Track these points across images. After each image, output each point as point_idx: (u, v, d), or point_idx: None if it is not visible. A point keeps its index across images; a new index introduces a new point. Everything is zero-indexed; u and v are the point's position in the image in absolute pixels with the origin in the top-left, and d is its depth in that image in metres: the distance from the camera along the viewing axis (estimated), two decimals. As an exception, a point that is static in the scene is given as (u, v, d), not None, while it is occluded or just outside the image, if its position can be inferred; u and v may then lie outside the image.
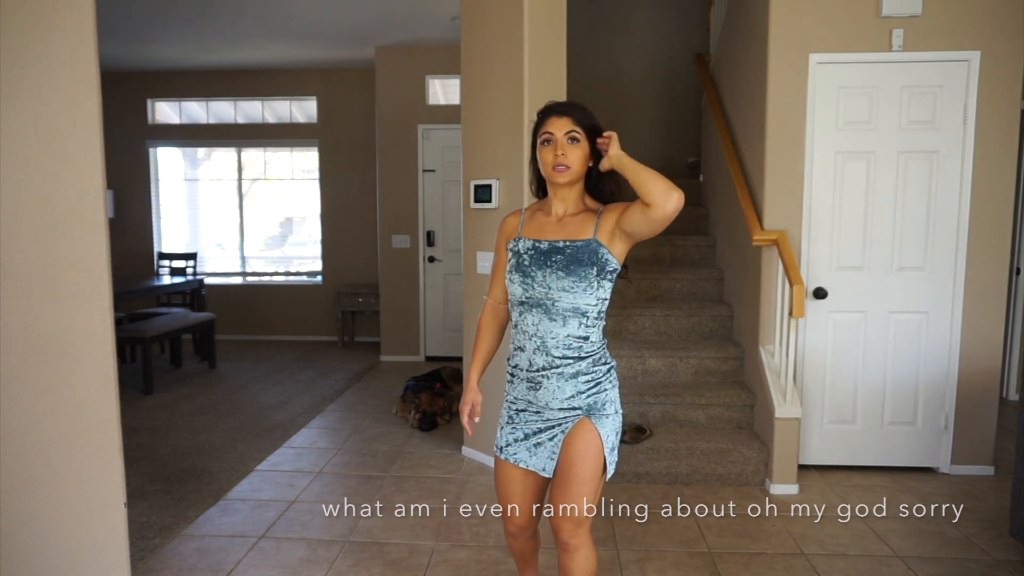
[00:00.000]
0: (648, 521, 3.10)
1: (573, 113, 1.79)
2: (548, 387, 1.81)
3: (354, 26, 5.65)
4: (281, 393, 5.31)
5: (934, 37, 3.44)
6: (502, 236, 1.95)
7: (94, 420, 2.19)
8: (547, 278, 1.77)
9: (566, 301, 1.77)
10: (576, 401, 1.81)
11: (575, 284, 1.76)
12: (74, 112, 2.11)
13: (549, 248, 1.80)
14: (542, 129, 1.81)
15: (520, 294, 1.82)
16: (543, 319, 1.79)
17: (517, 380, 1.88)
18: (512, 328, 1.91)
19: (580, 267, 1.76)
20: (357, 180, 7.29)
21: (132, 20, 5.43)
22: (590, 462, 1.80)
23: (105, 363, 2.18)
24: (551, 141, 1.78)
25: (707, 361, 3.98)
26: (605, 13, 6.07)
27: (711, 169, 4.99)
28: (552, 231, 1.83)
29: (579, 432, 1.81)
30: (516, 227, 1.92)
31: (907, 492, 3.41)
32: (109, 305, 2.18)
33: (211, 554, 2.80)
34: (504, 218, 1.98)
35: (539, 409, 1.85)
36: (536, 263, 1.80)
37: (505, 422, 1.93)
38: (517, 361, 1.88)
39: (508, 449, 1.90)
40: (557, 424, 1.84)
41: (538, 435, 1.86)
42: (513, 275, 1.83)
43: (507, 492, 1.93)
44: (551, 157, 1.77)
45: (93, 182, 2.14)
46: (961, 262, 3.52)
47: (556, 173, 1.78)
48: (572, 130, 1.77)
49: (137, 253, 7.54)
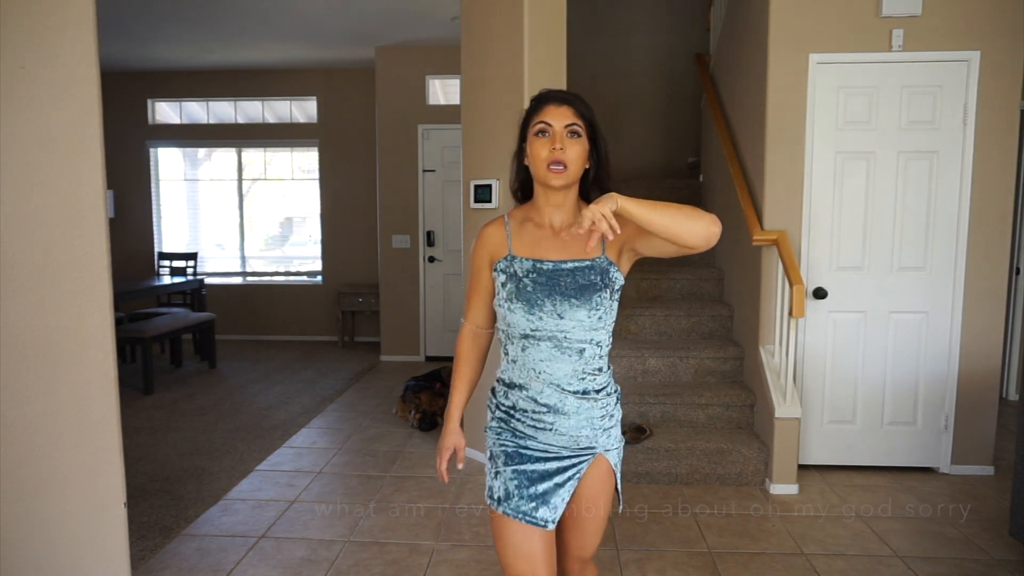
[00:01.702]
0: (648, 521, 3.10)
1: (575, 103, 1.52)
2: (560, 427, 1.55)
3: (354, 26, 5.65)
4: (281, 393, 5.31)
5: (934, 37, 3.44)
6: (483, 251, 1.61)
7: (94, 420, 2.19)
8: (558, 307, 1.50)
9: (579, 332, 1.51)
10: (592, 440, 1.58)
11: (591, 313, 1.50)
12: (74, 112, 2.11)
13: (554, 270, 1.52)
14: (536, 118, 1.52)
15: (525, 326, 1.52)
16: (553, 353, 1.52)
17: (515, 420, 1.59)
18: (507, 363, 1.60)
19: (594, 292, 1.51)
20: (357, 180, 7.29)
21: (132, 20, 5.43)
22: (605, 500, 1.64)
23: (105, 363, 2.18)
24: (547, 133, 1.50)
25: (707, 361, 3.98)
26: (605, 13, 6.07)
27: (711, 169, 4.99)
28: (552, 248, 1.55)
29: (596, 472, 1.60)
30: (503, 242, 1.58)
31: (907, 492, 3.41)
32: (109, 305, 2.18)
33: (211, 554, 2.80)
34: (483, 229, 1.62)
35: (546, 448, 1.57)
36: (542, 289, 1.51)
37: (502, 465, 1.59)
38: (515, 401, 1.58)
39: (510, 503, 1.55)
40: (571, 466, 1.58)
41: (546, 480, 1.56)
42: (514, 304, 1.52)
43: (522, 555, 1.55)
44: (546, 152, 1.48)
45: (93, 182, 2.14)
46: (961, 262, 3.52)
47: (552, 173, 1.48)
48: (573, 123, 1.50)
49: (137, 253, 7.55)
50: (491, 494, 1.59)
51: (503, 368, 1.63)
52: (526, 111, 1.58)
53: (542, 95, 1.56)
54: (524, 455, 1.57)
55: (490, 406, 1.67)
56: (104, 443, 2.20)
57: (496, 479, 1.59)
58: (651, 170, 6.06)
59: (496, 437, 1.62)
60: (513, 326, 1.55)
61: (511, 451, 1.58)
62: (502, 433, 1.61)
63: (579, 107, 1.52)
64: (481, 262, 1.61)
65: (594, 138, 1.55)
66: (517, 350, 1.56)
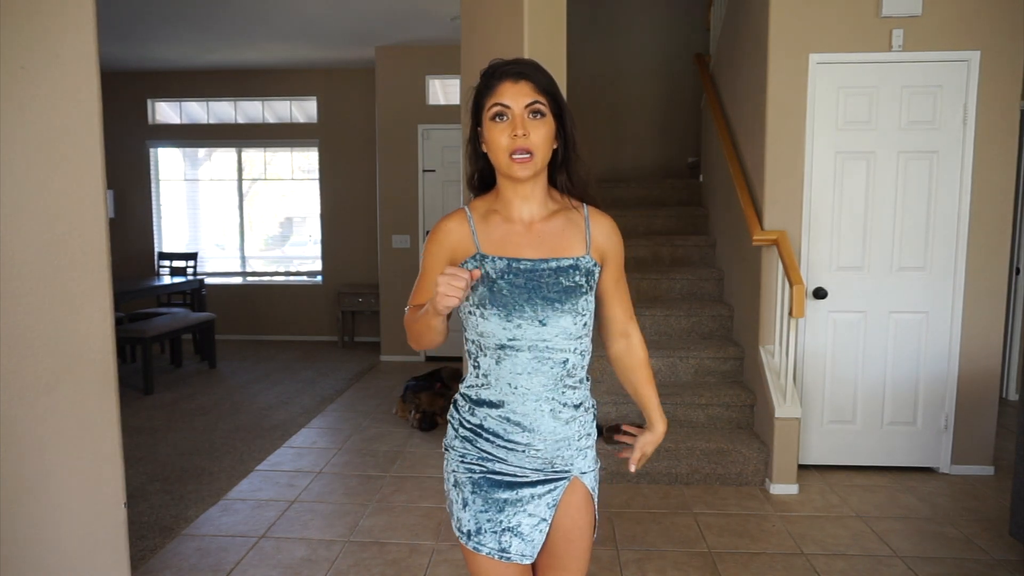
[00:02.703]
0: (648, 521, 3.10)
1: (533, 76, 1.29)
2: (535, 448, 1.37)
3: (354, 26, 5.65)
4: (281, 393, 5.31)
5: (934, 37, 3.44)
6: (440, 248, 1.36)
7: (94, 420, 2.19)
8: (539, 313, 1.31)
9: (561, 340, 1.34)
10: (567, 462, 1.41)
11: (576, 319, 1.34)
12: (74, 112, 2.11)
13: (533, 270, 1.32)
14: (491, 99, 1.29)
15: (501, 336, 1.32)
16: (533, 365, 1.33)
17: (483, 441, 1.38)
18: (475, 376, 1.40)
19: (580, 296, 1.34)
20: (357, 180, 7.29)
21: (132, 20, 5.43)
22: (587, 530, 1.45)
23: (105, 363, 2.18)
24: (505, 117, 1.28)
25: (707, 361, 3.98)
26: (605, 13, 6.07)
27: (711, 169, 4.99)
28: (527, 244, 1.35)
29: (573, 499, 1.42)
30: (467, 238, 1.35)
31: (907, 492, 3.41)
32: (109, 305, 2.19)
33: (211, 554, 2.80)
34: (440, 223, 1.38)
35: (518, 474, 1.38)
36: (520, 293, 1.31)
37: (469, 494, 1.38)
38: (483, 419, 1.38)
39: (479, 537, 1.37)
40: (547, 492, 1.40)
41: (516, 507, 1.38)
42: (487, 310, 1.31)
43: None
44: (506, 139, 1.27)
45: (93, 182, 2.14)
46: (961, 262, 3.52)
47: (516, 164, 1.28)
48: (535, 100, 1.28)
49: (137, 253, 7.55)
50: (459, 527, 1.40)
51: (470, 383, 1.42)
52: (476, 89, 1.34)
53: (493, 69, 1.32)
54: (492, 480, 1.38)
55: (451, 421, 1.45)
56: (104, 443, 2.20)
57: (465, 510, 1.39)
58: (651, 170, 6.06)
59: (460, 460, 1.41)
60: (487, 335, 1.34)
61: (477, 478, 1.39)
62: (466, 455, 1.40)
63: (539, 80, 1.29)
64: (435, 261, 1.36)
65: (559, 114, 1.33)
66: (491, 362, 1.35)
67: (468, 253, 1.34)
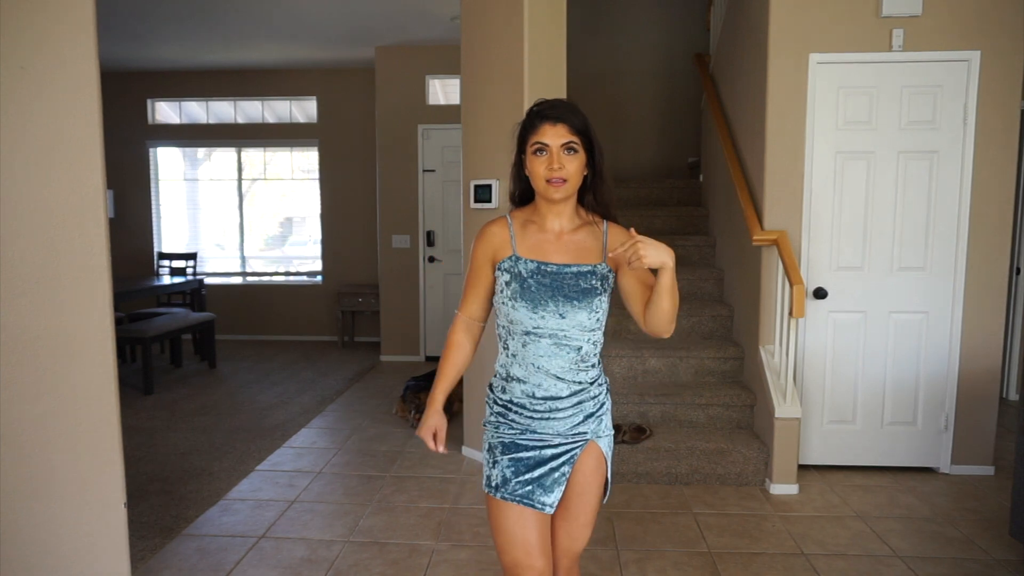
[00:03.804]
0: (648, 521, 3.10)
1: (569, 119, 1.58)
2: (556, 417, 1.64)
3: (354, 26, 5.65)
4: (281, 393, 5.31)
5: (934, 37, 3.44)
6: (487, 248, 1.67)
7: (94, 420, 2.19)
8: (560, 307, 1.58)
9: (578, 331, 1.61)
10: (584, 427, 1.66)
11: (591, 314, 1.60)
12: (74, 112, 2.11)
13: (558, 273, 1.61)
14: (533, 137, 1.60)
15: (527, 324, 1.61)
16: (551, 349, 1.61)
17: (513, 413, 1.66)
18: (505, 356, 1.68)
19: (595, 296, 1.60)
20: (357, 180, 7.29)
21: (132, 20, 5.43)
22: (596, 488, 1.70)
23: (105, 363, 2.18)
24: (544, 151, 1.58)
25: (707, 361, 3.98)
26: (605, 13, 6.07)
27: (711, 169, 4.99)
28: (555, 251, 1.63)
29: (588, 459, 1.67)
30: (507, 242, 1.66)
31: (907, 492, 3.41)
32: (109, 305, 2.19)
33: (211, 554, 2.80)
34: (485, 227, 1.69)
35: (543, 439, 1.65)
36: (545, 291, 1.59)
37: (500, 454, 1.66)
38: (512, 395, 1.66)
39: (507, 487, 1.62)
40: (565, 452, 1.65)
41: (541, 466, 1.64)
42: (518, 303, 1.60)
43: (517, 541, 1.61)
44: (545, 170, 1.57)
45: (93, 182, 2.14)
46: (961, 262, 3.52)
47: (552, 189, 1.57)
48: (570, 141, 1.57)
49: (137, 253, 7.54)
50: (489, 482, 1.66)
51: (501, 362, 1.69)
52: (523, 125, 1.64)
53: (538, 112, 1.61)
54: (520, 445, 1.65)
55: (488, 402, 1.73)
56: (104, 443, 2.20)
57: (494, 468, 1.66)
58: (651, 170, 6.07)
59: (494, 430, 1.69)
60: (516, 323, 1.62)
61: (507, 442, 1.66)
62: (500, 426, 1.68)
63: (574, 123, 1.59)
64: (483, 259, 1.68)
65: (590, 147, 1.62)
66: (518, 345, 1.64)
67: (506, 254, 1.65)
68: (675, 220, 5.10)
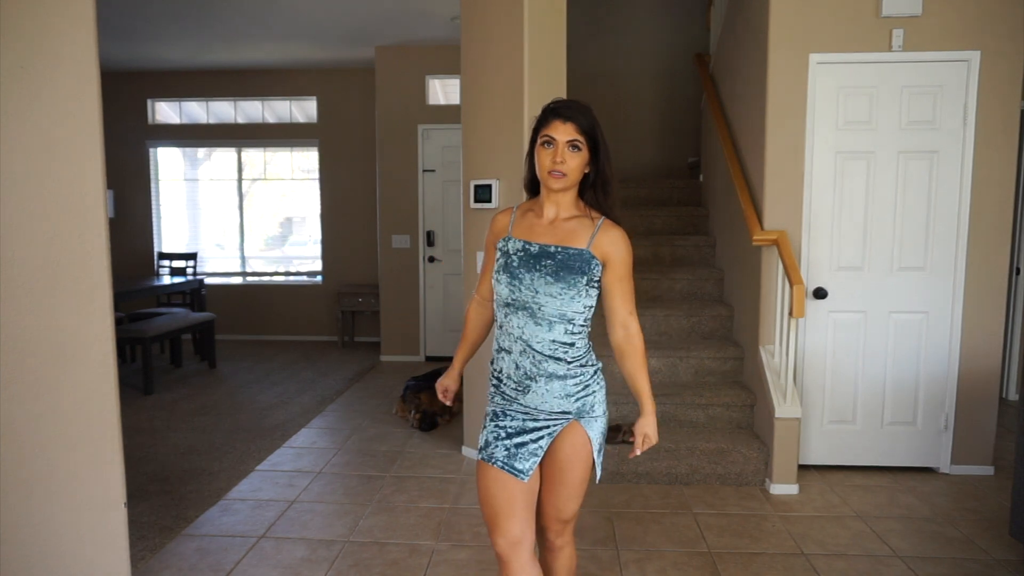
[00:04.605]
0: (648, 521, 3.10)
1: (578, 119, 1.71)
2: (536, 390, 1.76)
3: (354, 26, 5.65)
4: (281, 393, 5.31)
5: (934, 37, 3.44)
6: (493, 233, 1.88)
7: (94, 420, 2.19)
8: (535, 282, 1.73)
9: (552, 306, 1.72)
10: (566, 404, 1.77)
11: (563, 291, 1.72)
12: (74, 112, 2.11)
13: (539, 251, 1.75)
14: (544, 130, 1.73)
15: (506, 295, 1.77)
16: (528, 322, 1.74)
17: (503, 385, 1.82)
18: (497, 329, 1.86)
19: (570, 274, 1.72)
20: (357, 180, 7.29)
21: (132, 20, 5.43)
22: (580, 465, 1.80)
23: (105, 363, 2.18)
24: (551, 144, 1.71)
25: (707, 361, 3.98)
26: (605, 13, 6.07)
27: (711, 169, 4.99)
28: (543, 234, 1.78)
29: (569, 436, 1.79)
30: (507, 226, 1.85)
31: (907, 492, 3.41)
32: (109, 305, 2.18)
33: (211, 554, 2.80)
34: (495, 215, 1.91)
35: (527, 411, 1.79)
36: (524, 265, 1.75)
37: (488, 420, 1.84)
38: (502, 365, 1.82)
39: (488, 450, 1.79)
40: (544, 427, 1.78)
41: (521, 435, 1.78)
42: (500, 275, 1.77)
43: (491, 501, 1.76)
44: (548, 162, 1.71)
45: (93, 182, 2.14)
46: (961, 262, 3.52)
47: (552, 179, 1.71)
48: (575, 139, 1.70)
49: (137, 253, 7.54)
50: (478, 446, 1.84)
51: (495, 334, 1.87)
52: (538, 119, 1.77)
53: (551, 108, 1.75)
54: (507, 414, 1.82)
55: (491, 373, 1.89)
56: (104, 443, 2.20)
57: (483, 432, 1.84)
58: (651, 170, 6.07)
59: (490, 400, 1.87)
60: (498, 296, 1.80)
61: (498, 410, 1.84)
62: (494, 397, 1.86)
63: (582, 123, 1.71)
64: (490, 244, 1.88)
65: (595, 148, 1.75)
66: (502, 316, 1.81)
67: (503, 236, 1.84)
68: (675, 220, 5.10)
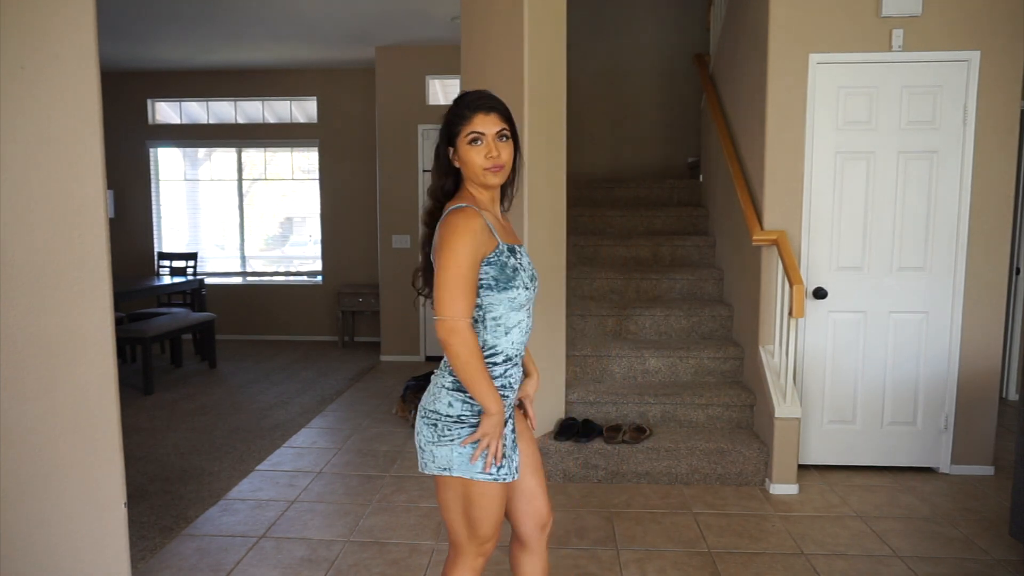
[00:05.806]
0: (648, 521, 3.10)
1: (500, 108, 1.66)
2: None
3: (354, 26, 5.65)
4: (281, 393, 5.31)
5: (934, 37, 3.44)
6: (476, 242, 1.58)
7: (94, 420, 2.19)
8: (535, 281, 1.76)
9: None
10: None
11: None
12: (74, 112, 2.11)
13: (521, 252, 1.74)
14: (467, 128, 1.61)
15: (525, 302, 1.69)
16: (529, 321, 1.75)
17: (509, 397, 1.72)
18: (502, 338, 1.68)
19: None
20: (357, 180, 7.29)
21: (132, 20, 5.43)
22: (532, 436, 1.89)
23: (105, 363, 2.18)
24: (480, 141, 1.61)
25: (707, 361, 3.98)
26: (605, 13, 6.07)
27: (711, 169, 4.99)
28: (508, 236, 1.74)
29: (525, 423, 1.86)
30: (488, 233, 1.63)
31: (907, 492, 3.41)
32: (109, 305, 2.18)
33: (211, 554, 2.80)
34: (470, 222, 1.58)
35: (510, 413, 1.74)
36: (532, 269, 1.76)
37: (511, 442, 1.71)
38: (512, 377, 1.72)
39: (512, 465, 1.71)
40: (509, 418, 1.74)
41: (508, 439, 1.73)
42: (529, 284, 1.69)
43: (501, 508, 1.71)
44: (482, 159, 1.61)
45: (93, 182, 2.14)
46: (961, 262, 3.52)
47: (491, 175, 1.63)
48: (502, 128, 1.63)
49: (137, 253, 7.55)
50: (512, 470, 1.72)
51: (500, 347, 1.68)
52: (450, 117, 1.65)
53: (469, 104, 1.64)
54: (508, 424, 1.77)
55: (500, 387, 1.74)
56: (104, 443, 2.20)
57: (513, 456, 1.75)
58: (651, 170, 6.07)
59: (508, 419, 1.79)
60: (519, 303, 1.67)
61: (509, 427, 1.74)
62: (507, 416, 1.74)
63: (503, 111, 1.66)
64: (474, 256, 1.58)
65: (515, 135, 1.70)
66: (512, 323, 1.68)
67: (491, 245, 1.62)
68: (675, 220, 5.10)
